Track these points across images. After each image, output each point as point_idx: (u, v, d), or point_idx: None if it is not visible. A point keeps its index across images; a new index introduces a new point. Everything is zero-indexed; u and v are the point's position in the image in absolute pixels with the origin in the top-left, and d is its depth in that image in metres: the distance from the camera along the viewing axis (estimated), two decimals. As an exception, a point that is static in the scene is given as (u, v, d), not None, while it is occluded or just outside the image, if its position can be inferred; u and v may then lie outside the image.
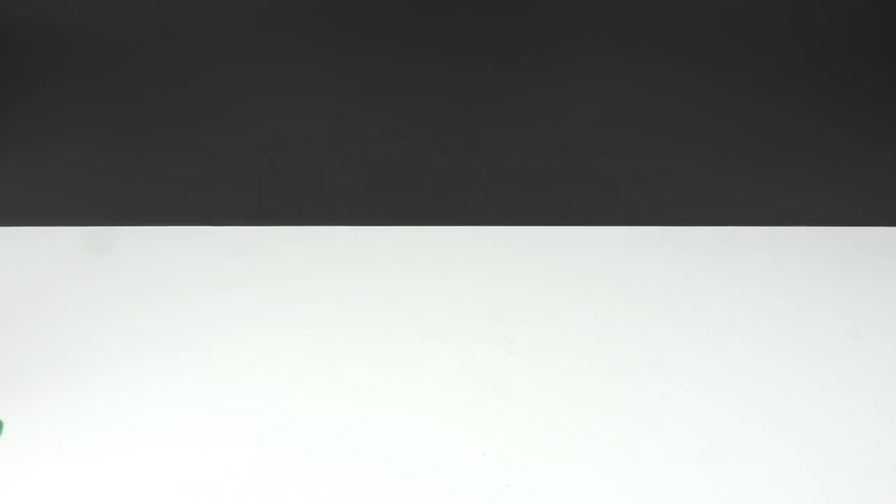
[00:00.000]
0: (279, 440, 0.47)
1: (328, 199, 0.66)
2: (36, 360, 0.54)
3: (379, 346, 0.54)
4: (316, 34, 0.58)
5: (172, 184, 0.66)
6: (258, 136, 0.63)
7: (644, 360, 0.53)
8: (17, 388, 0.51)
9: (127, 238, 0.66)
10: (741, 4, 0.56)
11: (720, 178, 0.65)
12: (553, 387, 0.51)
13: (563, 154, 0.64)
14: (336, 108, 0.62)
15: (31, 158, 0.65)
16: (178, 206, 0.67)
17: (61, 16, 0.57)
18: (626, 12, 0.57)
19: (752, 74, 0.60)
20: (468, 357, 0.53)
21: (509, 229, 0.67)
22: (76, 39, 0.58)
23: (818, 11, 0.57)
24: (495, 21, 0.57)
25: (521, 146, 0.63)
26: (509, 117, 0.62)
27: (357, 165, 0.64)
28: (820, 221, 0.66)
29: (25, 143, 0.64)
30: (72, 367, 0.53)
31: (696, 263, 0.63)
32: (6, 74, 0.60)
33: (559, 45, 0.58)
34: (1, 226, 0.67)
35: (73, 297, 0.60)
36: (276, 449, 0.46)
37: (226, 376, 0.52)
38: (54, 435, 0.47)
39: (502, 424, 0.48)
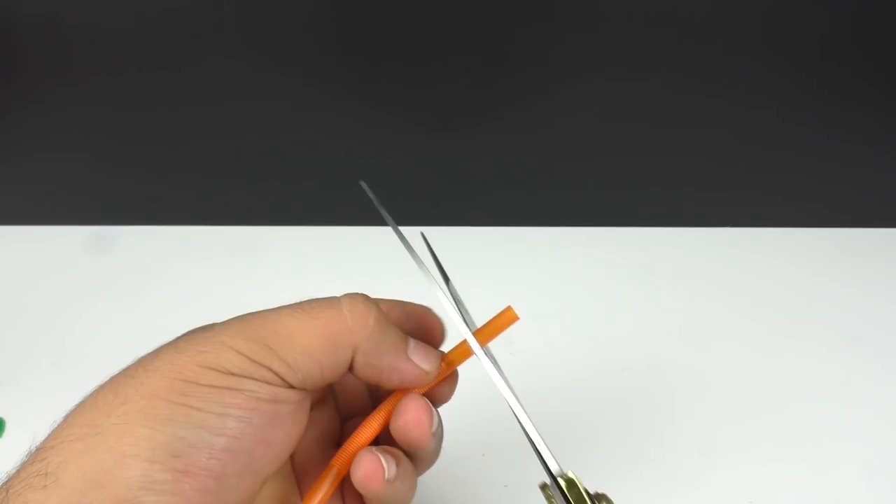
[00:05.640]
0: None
1: (328, 199, 0.66)
2: (36, 360, 0.54)
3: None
4: (316, 35, 0.58)
5: (172, 184, 0.66)
6: (258, 136, 0.63)
7: (643, 360, 0.53)
8: (18, 388, 0.51)
9: (127, 238, 0.66)
10: (740, 5, 0.56)
11: (720, 179, 0.65)
12: (553, 387, 0.51)
13: (563, 155, 0.64)
14: (336, 108, 0.62)
15: (31, 158, 0.65)
16: (178, 206, 0.67)
17: (63, 16, 0.57)
18: (626, 13, 0.57)
19: (751, 75, 0.60)
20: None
21: (508, 230, 0.67)
22: (77, 40, 0.58)
23: (818, 12, 0.57)
24: (495, 22, 0.57)
25: (520, 147, 0.64)
26: (509, 119, 0.62)
27: (357, 165, 0.64)
28: (820, 222, 0.66)
29: (26, 143, 0.64)
30: (72, 366, 0.53)
31: (697, 263, 0.63)
32: (7, 74, 0.60)
33: (560, 47, 0.58)
34: (1, 225, 0.67)
35: (73, 297, 0.60)
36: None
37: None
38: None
39: (503, 425, 0.48)
